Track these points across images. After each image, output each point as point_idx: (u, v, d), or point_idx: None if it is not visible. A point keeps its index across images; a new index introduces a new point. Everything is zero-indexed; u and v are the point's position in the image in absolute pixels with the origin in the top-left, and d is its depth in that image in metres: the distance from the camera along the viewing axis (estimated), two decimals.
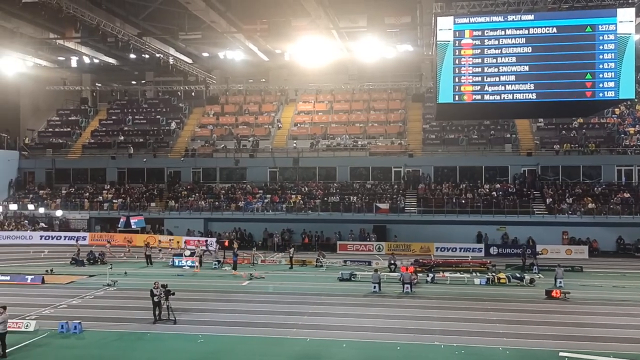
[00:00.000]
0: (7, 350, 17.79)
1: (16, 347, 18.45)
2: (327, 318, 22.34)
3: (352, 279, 30.44)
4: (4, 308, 18.05)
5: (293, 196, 44.95)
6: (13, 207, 46.39)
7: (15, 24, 38.96)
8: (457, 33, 26.08)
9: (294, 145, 48.97)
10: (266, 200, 44.82)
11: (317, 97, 56.55)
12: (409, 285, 27.14)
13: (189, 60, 49.55)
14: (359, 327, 20.98)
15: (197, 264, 34.23)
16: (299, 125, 52.92)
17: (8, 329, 18.41)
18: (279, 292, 27.45)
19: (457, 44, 26.06)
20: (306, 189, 46.04)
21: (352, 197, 44.01)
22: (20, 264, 35.46)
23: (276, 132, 52.20)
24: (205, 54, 50.57)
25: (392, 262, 33.08)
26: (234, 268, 33.36)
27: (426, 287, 28.62)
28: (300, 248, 40.42)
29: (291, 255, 35.64)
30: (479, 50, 25.98)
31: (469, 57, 26.04)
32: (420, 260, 34.11)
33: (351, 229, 42.40)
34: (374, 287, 27.37)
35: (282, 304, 24.81)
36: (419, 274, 30.24)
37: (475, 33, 26.05)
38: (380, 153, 47.51)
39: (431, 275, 30.21)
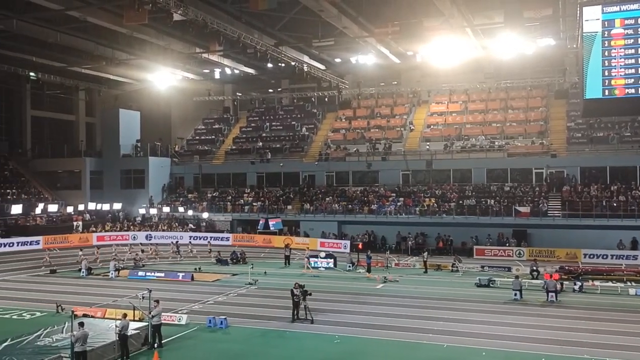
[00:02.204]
0: (162, 341, 19.37)
1: (170, 338, 20.04)
2: (465, 324, 21.65)
3: (491, 285, 29.25)
4: (157, 302, 19.68)
5: (426, 199, 44.25)
6: (166, 209, 50.53)
7: (167, 42, 42.50)
8: (605, 23, 24.16)
9: (427, 147, 48.19)
10: (399, 203, 44.56)
11: (450, 98, 55.24)
12: (553, 294, 25.52)
13: (322, 67, 50.79)
14: (499, 335, 20.09)
15: (307, 265, 35.35)
16: (432, 127, 52.04)
17: (163, 321, 20.08)
18: (413, 296, 27.14)
19: (606, 35, 24.13)
20: (440, 191, 45.08)
21: (489, 200, 42.33)
22: (172, 261, 38.51)
23: (408, 135, 51.74)
24: (337, 60, 51.55)
25: (534, 268, 31.28)
26: (368, 271, 33.56)
27: (573, 296, 26.72)
28: (434, 252, 39.66)
29: (425, 259, 35.08)
30: (632, 40, 23.84)
31: (620, 48, 23.98)
32: (566, 267, 31.89)
33: (489, 233, 40.76)
34: (515, 295, 26.10)
35: (417, 308, 24.50)
36: (564, 282, 28.30)
37: (627, 22, 23.95)
38: (519, 154, 45.18)
39: (579, 283, 28.10)
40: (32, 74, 47.91)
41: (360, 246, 38.66)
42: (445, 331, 20.71)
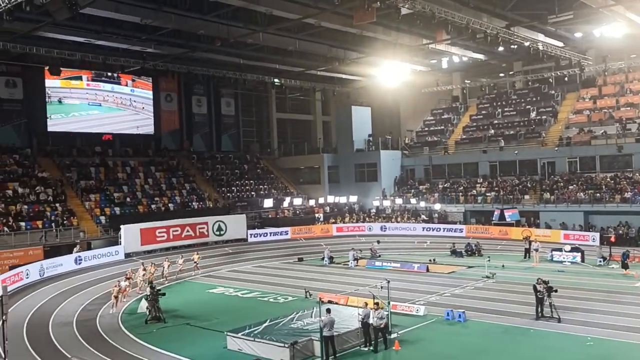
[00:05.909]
0: (401, 332, 19.68)
1: (409, 329, 20.33)
2: None
3: None
4: (366, 304, 18.98)
5: None
6: (398, 201, 51.62)
7: (394, 37, 43.21)
8: None
9: None
10: None
11: None
12: None
13: (560, 44, 46.53)
14: None
15: (536, 258, 33.39)
16: None
17: (402, 312, 20.42)
18: None
19: None
20: None
21: None
22: (407, 252, 39.09)
23: None
24: (577, 35, 46.75)
25: None
26: (624, 267, 29.90)
27: None
28: None
29: None
30: None
31: None
32: None
33: None
34: None
35: None
36: None
37: None
38: None
39: None
40: (276, 80, 52.85)
41: (612, 239, 34.74)
42: None
